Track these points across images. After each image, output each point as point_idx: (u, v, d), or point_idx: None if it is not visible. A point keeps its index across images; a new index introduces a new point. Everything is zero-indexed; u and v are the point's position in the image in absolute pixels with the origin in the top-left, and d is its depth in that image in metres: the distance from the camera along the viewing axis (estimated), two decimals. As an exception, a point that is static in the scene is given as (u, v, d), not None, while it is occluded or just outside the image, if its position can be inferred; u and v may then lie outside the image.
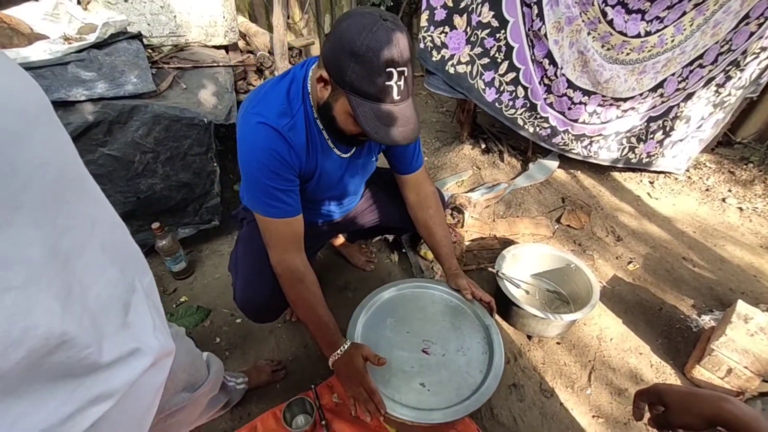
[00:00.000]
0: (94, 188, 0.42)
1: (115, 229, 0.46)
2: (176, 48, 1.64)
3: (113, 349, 0.39)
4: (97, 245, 0.40)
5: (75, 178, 0.38)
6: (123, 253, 0.46)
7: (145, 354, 0.43)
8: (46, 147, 0.33)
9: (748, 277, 1.70)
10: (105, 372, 0.38)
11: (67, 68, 1.13)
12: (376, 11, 0.73)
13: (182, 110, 1.35)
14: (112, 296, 0.41)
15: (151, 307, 0.48)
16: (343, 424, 1.07)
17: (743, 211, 2.10)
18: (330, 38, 0.74)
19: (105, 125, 1.24)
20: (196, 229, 1.60)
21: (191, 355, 0.79)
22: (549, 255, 1.50)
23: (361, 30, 0.69)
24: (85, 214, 0.39)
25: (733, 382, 1.20)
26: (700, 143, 2.17)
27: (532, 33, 1.69)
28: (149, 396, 0.46)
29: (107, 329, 0.39)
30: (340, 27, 0.72)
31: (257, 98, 0.86)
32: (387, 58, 0.69)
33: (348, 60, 0.70)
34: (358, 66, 0.70)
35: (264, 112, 0.83)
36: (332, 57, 0.73)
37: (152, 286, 0.52)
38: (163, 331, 0.49)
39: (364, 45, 0.68)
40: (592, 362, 1.34)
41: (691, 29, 1.75)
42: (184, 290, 1.50)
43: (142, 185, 1.40)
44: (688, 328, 1.46)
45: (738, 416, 0.50)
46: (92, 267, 0.39)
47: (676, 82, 1.94)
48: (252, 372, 1.17)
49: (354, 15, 0.72)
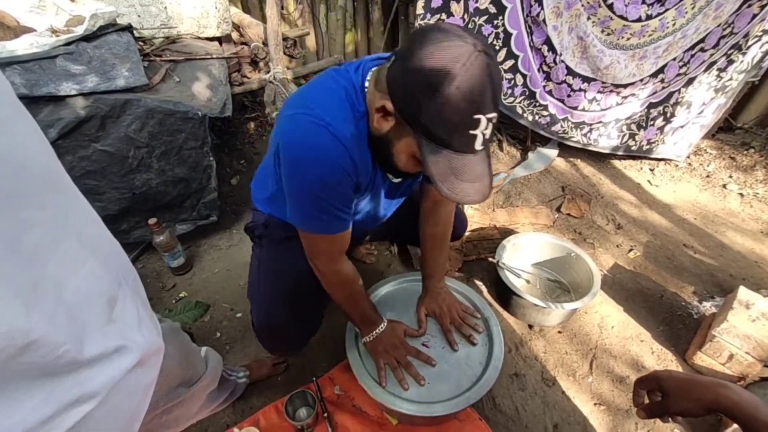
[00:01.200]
0: (65, 180, 0.40)
1: (93, 222, 0.44)
2: (168, 40, 1.60)
3: (95, 345, 0.37)
4: (73, 237, 0.38)
5: (44, 169, 0.36)
6: (104, 247, 0.44)
7: (131, 351, 0.41)
8: (8, 134, 0.31)
9: (749, 263, 1.70)
10: (86, 370, 0.36)
11: (56, 62, 1.11)
12: (466, 34, 0.57)
13: (176, 104, 1.33)
14: (94, 290, 0.39)
15: (137, 303, 0.46)
16: (345, 416, 1.07)
17: (744, 197, 2.08)
18: (403, 63, 0.59)
19: (97, 120, 1.22)
20: (194, 225, 1.59)
21: (186, 350, 0.77)
22: (549, 244, 1.49)
23: (450, 62, 0.54)
24: (57, 204, 0.37)
25: (735, 368, 1.20)
26: (701, 129, 2.15)
27: (531, 19, 1.66)
28: (137, 395, 0.45)
29: (89, 325, 0.37)
30: (419, 52, 0.56)
31: (308, 98, 0.70)
32: (479, 103, 0.56)
33: (427, 99, 0.56)
34: (439, 108, 0.56)
35: (327, 118, 0.67)
36: (404, 90, 0.59)
37: (137, 282, 0.50)
38: (150, 328, 0.47)
39: (453, 84, 0.55)
40: (593, 350, 1.34)
41: (692, 12, 1.72)
42: (183, 285, 1.49)
43: (138, 181, 1.38)
44: (689, 315, 1.46)
45: (737, 402, 0.50)
46: (69, 260, 0.37)
47: (677, 67, 1.91)
48: (253, 365, 1.17)
49: (438, 38, 0.56)
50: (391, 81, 0.61)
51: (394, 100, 0.61)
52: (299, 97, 0.73)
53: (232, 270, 1.55)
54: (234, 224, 1.75)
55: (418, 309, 1.06)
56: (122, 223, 1.44)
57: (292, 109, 0.71)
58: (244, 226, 0.98)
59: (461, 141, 0.60)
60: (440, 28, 0.58)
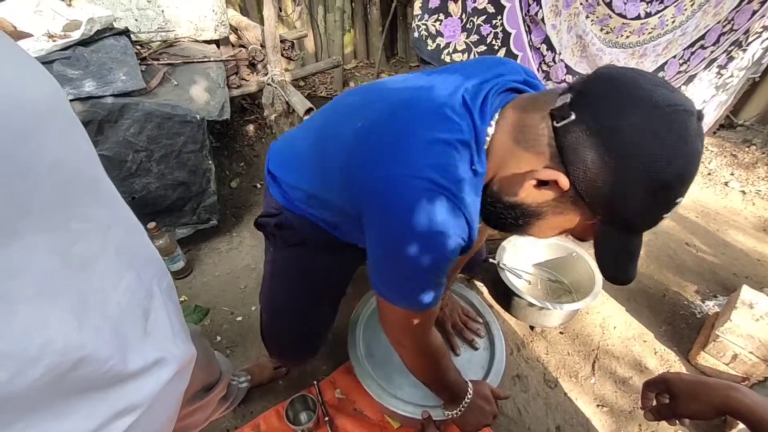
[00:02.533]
0: (109, 189, 0.40)
1: (131, 231, 0.44)
2: (165, 44, 1.60)
3: (138, 358, 0.38)
4: (111, 250, 0.38)
5: (90, 179, 0.36)
6: (139, 257, 0.44)
7: (169, 363, 0.42)
8: (60, 145, 0.31)
9: (751, 261, 1.69)
10: (130, 383, 0.37)
11: (53, 67, 1.10)
12: (677, 99, 0.44)
13: (174, 107, 1.33)
14: (132, 303, 0.39)
15: (171, 313, 0.46)
16: (346, 419, 1.06)
17: (746, 195, 2.07)
18: (598, 137, 0.44)
19: (95, 125, 1.21)
20: (194, 229, 1.58)
21: (207, 355, 0.78)
22: (550, 244, 1.48)
23: (672, 145, 0.43)
24: (99, 217, 0.37)
25: (739, 368, 1.19)
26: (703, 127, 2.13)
27: (529, 18, 1.65)
28: (172, 405, 0.45)
29: (130, 338, 0.37)
30: (629, 132, 0.43)
31: (415, 156, 0.52)
32: (688, 186, 0.47)
33: (640, 192, 0.45)
34: (649, 200, 0.46)
35: (445, 182, 0.52)
36: (602, 173, 0.45)
37: (171, 288, 0.49)
38: (183, 337, 0.47)
39: (673, 173, 0.44)
40: (595, 351, 1.33)
41: (692, 9, 1.71)
42: (183, 289, 1.49)
43: (137, 185, 1.38)
44: (692, 315, 1.45)
45: (748, 405, 0.50)
46: (109, 273, 0.37)
47: (677, 65, 1.90)
48: (254, 370, 1.16)
49: (648, 108, 0.43)
50: (572, 155, 0.46)
51: (578, 181, 0.47)
52: (399, 150, 0.53)
53: (232, 273, 1.55)
54: (234, 227, 1.74)
55: None
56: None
57: (398, 167, 0.53)
58: (254, 220, 0.87)
59: (650, 225, 0.51)
60: (641, 83, 0.44)
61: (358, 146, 0.58)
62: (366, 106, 0.62)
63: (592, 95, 0.46)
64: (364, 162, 0.56)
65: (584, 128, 0.45)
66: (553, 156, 0.48)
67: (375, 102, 0.61)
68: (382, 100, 0.60)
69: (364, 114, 0.60)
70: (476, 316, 1.06)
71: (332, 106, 0.74)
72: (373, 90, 0.66)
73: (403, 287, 0.61)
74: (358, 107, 0.64)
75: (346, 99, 0.72)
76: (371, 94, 0.65)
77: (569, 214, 0.53)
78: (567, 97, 0.47)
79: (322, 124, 0.74)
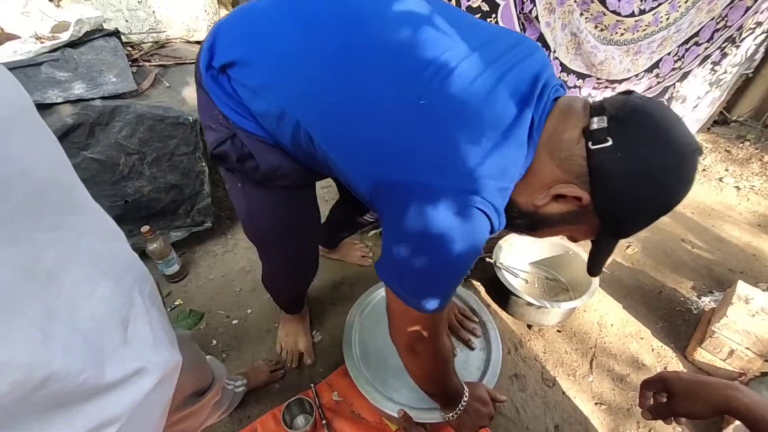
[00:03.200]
0: (84, 196, 0.39)
1: (108, 239, 0.43)
2: (157, 45, 1.58)
3: (115, 369, 0.36)
4: (85, 258, 0.37)
5: (62, 186, 0.35)
6: (118, 265, 0.43)
7: (150, 373, 0.41)
8: (26, 152, 0.30)
9: (746, 256, 1.69)
10: (108, 396, 0.35)
11: (41, 69, 1.09)
12: (691, 138, 0.49)
13: (166, 109, 1.31)
14: (108, 312, 0.38)
15: (153, 319, 0.45)
16: (343, 422, 1.05)
17: (740, 190, 2.08)
18: (631, 172, 0.48)
19: (86, 127, 1.19)
20: (188, 232, 1.57)
21: (198, 360, 0.77)
22: (547, 242, 1.48)
23: (684, 181, 0.50)
24: (73, 224, 0.36)
25: (735, 364, 1.20)
26: (697, 123, 2.14)
27: (523, 16, 1.64)
28: (157, 413, 0.44)
29: (106, 349, 0.36)
30: (658, 171, 0.48)
31: (489, 171, 0.50)
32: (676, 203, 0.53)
33: (649, 214, 0.52)
34: (651, 219, 0.53)
35: (495, 202, 0.52)
36: (624, 197, 0.50)
37: (154, 294, 0.49)
38: (166, 344, 0.46)
39: (678, 199, 0.51)
40: (593, 349, 1.33)
41: (686, 6, 1.71)
42: (178, 293, 1.48)
43: (129, 188, 1.36)
44: (689, 311, 1.45)
45: (747, 405, 0.50)
46: (82, 283, 0.36)
47: (671, 62, 1.91)
48: (250, 373, 1.15)
49: (673, 149, 0.48)
50: (602, 178, 0.49)
51: (599, 199, 0.51)
52: (482, 165, 0.50)
53: (227, 276, 1.54)
54: (229, 230, 1.73)
55: None
56: (115, 232, 1.42)
57: (460, 180, 0.50)
58: (210, 150, 0.69)
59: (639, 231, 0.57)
60: (669, 120, 0.49)
61: (419, 138, 0.51)
62: (415, 62, 0.52)
63: (629, 125, 0.49)
64: (420, 161, 0.51)
65: (619, 157, 0.48)
66: (580, 174, 0.50)
67: (427, 64, 0.51)
68: (443, 70, 0.51)
69: (418, 83, 0.51)
70: (472, 315, 1.06)
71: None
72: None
73: (432, 295, 0.58)
74: (397, 52, 0.53)
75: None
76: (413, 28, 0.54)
77: (580, 225, 0.56)
78: (603, 121, 0.49)
79: (322, 25, 0.57)
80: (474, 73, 0.52)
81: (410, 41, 0.53)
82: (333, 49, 0.55)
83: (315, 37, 0.56)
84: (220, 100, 0.63)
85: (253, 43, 0.59)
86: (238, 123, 0.64)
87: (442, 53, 0.53)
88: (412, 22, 0.55)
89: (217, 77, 0.62)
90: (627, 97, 0.51)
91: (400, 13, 0.57)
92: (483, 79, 0.52)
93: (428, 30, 0.54)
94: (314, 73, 0.55)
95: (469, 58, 0.53)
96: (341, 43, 0.55)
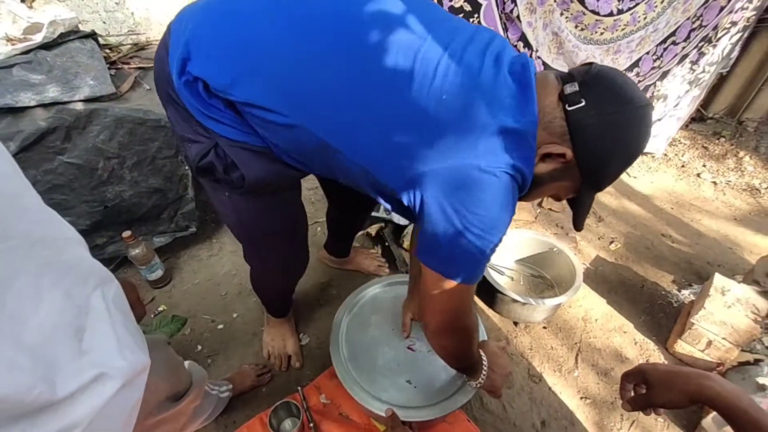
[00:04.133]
0: (36, 204, 0.38)
1: (65, 246, 0.41)
2: (136, 47, 1.55)
3: (69, 381, 0.35)
4: (32, 269, 0.36)
5: (9, 196, 0.34)
6: (74, 272, 0.42)
7: (112, 377, 0.40)
8: None
9: (723, 249, 1.74)
10: (64, 406, 0.34)
11: (12, 71, 1.05)
12: (645, 98, 0.58)
13: (146, 112, 1.29)
14: (58, 324, 0.37)
15: (116, 322, 0.44)
16: (331, 425, 1.05)
17: (717, 185, 2.14)
18: (603, 120, 0.56)
19: (62, 131, 1.16)
20: (172, 238, 1.54)
21: (172, 364, 0.75)
22: (531, 240, 1.50)
23: (644, 134, 0.59)
24: (21, 233, 0.35)
25: (713, 354, 1.23)
26: (678, 122, 2.19)
27: (505, 15, 1.66)
28: (123, 415, 0.43)
29: (59, 361, 0.35)
30: (621, 117, 0.56)
31: (510, 148, 0.58)
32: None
33: (621, 162, 0.61)
34: (621, 168, 0.62)
35: (522, 167, 0.60)
36: (600, 149, 0.58)
37: (119, 297, 0.47)
38: (132, 347, 0.45)
39: (640, 152, 0.61)
40: (578, 344, 1.35)
41: (662, 6, 1.75)
42: (162, 299, 1.45)
43: (109, 193, 1.33)
44: (669, 304, 1.49)
45: (719, 393, 0.51)
46: (27, 296, 0.34)
47: (651, 61, 1.95)
48: (236, 378, 1.14)
49: (634, 105, 0.57)
50: (581, 133, 0.57)
51: (580, 153, 0.59)
52: (507, 144, 0.57)
53: (212, 280, 1.52)
54: (214, 233, 1.71)
55: (404, 313, 1.05)
56: (95, 239, 1.39)
57: (488, 159, 0.56)
58: (194, 164, 0.67)
59: (610, 184, 0.65)
60: (627, 84, 0.58)
61: (448, 128, 0.57)
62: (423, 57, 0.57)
63: (596, 87, 0.57)
64: (455, 149, 0.57)
65: (592, 114, 0.56)
66: (562, 134, 0.58)
67: (433, 57, 0.57)
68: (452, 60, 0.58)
69: (434, 76, 0.57)
70: None
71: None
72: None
73: (474, 266, 0.63)
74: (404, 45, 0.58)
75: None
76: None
77: (564, 180, 0.63)
78: (575, 86, 0.57)
79: (318, 26, 0.58)
80: (477, 64, 0.58)
81: (405, 40, 0.58)
82: (345, 57, 0.58)
83: (317, 41, 0.58)
84: (196, 110, 0.62)
85: (248, 56, 0.58)
86: (220, 132, 0.63)
87: (444, 48, 0.59)
88: (394, 19, 0.59)
89: (191, 84, 0.60)
90: (589, 66, 0.59)
91: (378, 12, 0.59)
92: (486, 67, 0.59)
93: (415, 26, 0.59)
94: (333, 87, 0.58)
95: (452, 50, 0.59)
96: (348, 47, 0.58)
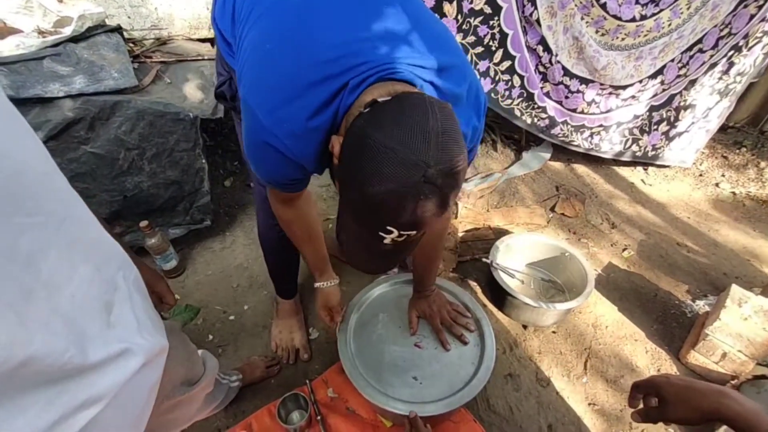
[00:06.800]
0: (62, 183, 0.40)
1: (88, 225, 0.44)
2: (159, 41, 1.59)
3: (99, 350, 0.37)
4: (63, 243, 0.38)
5: (40, 173, 0.36)
6: (99, 250, 0.44)
7: (136, 354, 0.42)
8: (1, 138, 0.31)
9: (741, 261, 1.71)
10: (92, 375, 0.36)
11: (43, 63, 1.09)
12: (429, 147, 0.47)
13: (166, 105, 1.32)
14: (89, 296, 0.39)
15: (136, 305, 0.46)
16: (338, 418, 1.06)
17: (736, 196, 2.10)
18: (365, 131, 0.50)
19: (86, 122, 1.20)
20: (187, 230, 1.57)
21: (187, 350, 0.78)
22: (543, 244, 1.49)
23: (392, 192, 0.48)
24: (50, 210, 0.37)
25: (728, 366, 1.21)
26: (707, 134, 2.13)
27: (525, 19, 1.65)
28: (143, 395, 0.45)
29: (89, 331, 0.37)
30: (384, 139, 0.48)
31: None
32: (396, 224, 0.51)
33: (354, 191, 0.52)
34: (359, 204, 0.53)
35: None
36: (348, 161, 0.52)
37: (138, 281, 0.50)
38: (151, 330, 0.47)
39: (380, 197, 0.49)
40: (587, 350, 1.34)
41: (688, 12, 1.72)
42: (175, 288, 1.48)
43: (129, 183, 1.36)
44: (683, 314, 1.46)
45: (739, 412, 0.49)
46: (61, 267, 0.36)
47: (676, 69, 1.91)
48: (246, 368, 1.16)
49: (401, 140, 0.47)
50: (349, 134, 0.53)
51: (341, 154, 0.54)
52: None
53: (225, 272, 1.54)
54: (228, 227, 1.73)
55: (410, 311, 1.06)
56: (113, 228, 1.43)
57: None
58: (215, 90, 0.83)
59: (372, 232, 0.54)
60: (408, 121, 0.48)
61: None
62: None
63: (378, 109, 0.52)
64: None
65: (366, 119, 0.51)
66: (344, 135, 0.56)
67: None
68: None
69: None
70: (465, 311, 1.07)
71: None
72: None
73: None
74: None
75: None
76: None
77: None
78: (377, 101, 0.54)
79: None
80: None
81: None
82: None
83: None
84: (224, 50, 0.75)
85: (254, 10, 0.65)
86: (233, 66, 0.74)
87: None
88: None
89: (219, 31, 0.73)
90: (394, 98, 0.53)
91: None
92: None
93: None
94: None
95: None
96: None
